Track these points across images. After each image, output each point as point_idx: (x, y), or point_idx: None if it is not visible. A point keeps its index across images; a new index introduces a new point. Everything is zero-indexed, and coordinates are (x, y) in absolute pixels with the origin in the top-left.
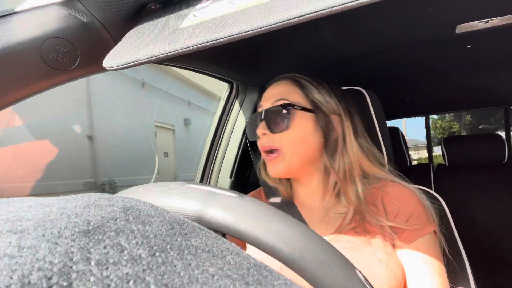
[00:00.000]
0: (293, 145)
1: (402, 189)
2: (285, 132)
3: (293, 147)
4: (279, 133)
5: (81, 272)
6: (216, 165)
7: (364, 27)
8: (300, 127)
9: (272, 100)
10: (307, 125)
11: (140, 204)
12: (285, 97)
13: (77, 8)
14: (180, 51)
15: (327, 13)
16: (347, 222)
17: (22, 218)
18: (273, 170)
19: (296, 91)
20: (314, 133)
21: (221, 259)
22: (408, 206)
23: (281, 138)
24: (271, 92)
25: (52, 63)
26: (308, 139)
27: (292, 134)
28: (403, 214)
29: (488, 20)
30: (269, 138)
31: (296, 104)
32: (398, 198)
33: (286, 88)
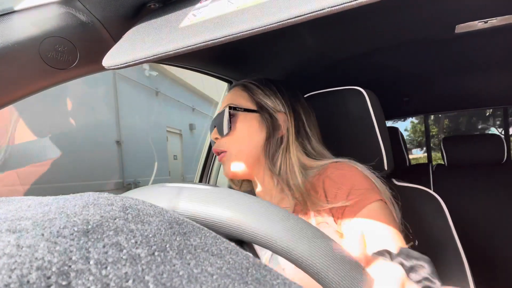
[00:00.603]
0: (238, 145)
1: (341, 166)
2: (230, 134)
3: (237, 147)
4: (226, 136)
5: (80, 271)
6: (215, 165)
7: (363, 26)
8: (243, 129)
9: (222, 106)
10: (250, 124)
11: (139, 204)
12: (231, 102)
13: (77, 7)
14: (180, 51)
15: (327, 13)
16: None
17: (21, 217)
18: (224, 172)
19: (243, 95)
20: (258, 132)
21: (220, 259)
22: (347, 181)
23: (227, 140)
24: (223, 100)
25: (51, 62)
26: (252, 138)
27: (237, 136)
28: (343, 191)
29: (487, 20)
30: (219, 142)
31: (238, 106)
32: (337, 177)
33: (235, 93)
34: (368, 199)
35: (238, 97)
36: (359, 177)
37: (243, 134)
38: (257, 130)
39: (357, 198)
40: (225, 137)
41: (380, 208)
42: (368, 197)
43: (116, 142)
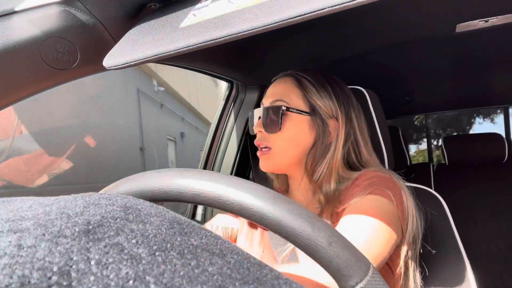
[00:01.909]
0: (284, 146)
1: (369, 173)
2: (277, 133)
3: (283, 148)
4: (272, 133)
5: (81, 272)
6: (216, 164)
7: (364, 26)
8: (292, 130)
9: (272, 99)
10: (300, 127)
11: (140, 204)
12: (283, 97)
13: (77, 7)
14: (180, 51)
15: (327, 13)
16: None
17: (23, 217)
18: (262, 165)
19: (296, 92)
20: (307, 135)
21: (221, 258)
22: (370, 182)
23: (273, 138)
24: (272, 90)
25: (52, 62)
26: (299, 141)
27: (284, 135)
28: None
29: (488, 19)
30: (263, 136)
31: (291, 107)
32: (363, 184)
33: (287, 87)
34: (375, 191)
35: (291, 93)
36: (385, 180)
37: (291, 135)
38: (306, 133)
39: (368, 185)
40: (270, 134)
41: (378, 201)
42: (378, 189)
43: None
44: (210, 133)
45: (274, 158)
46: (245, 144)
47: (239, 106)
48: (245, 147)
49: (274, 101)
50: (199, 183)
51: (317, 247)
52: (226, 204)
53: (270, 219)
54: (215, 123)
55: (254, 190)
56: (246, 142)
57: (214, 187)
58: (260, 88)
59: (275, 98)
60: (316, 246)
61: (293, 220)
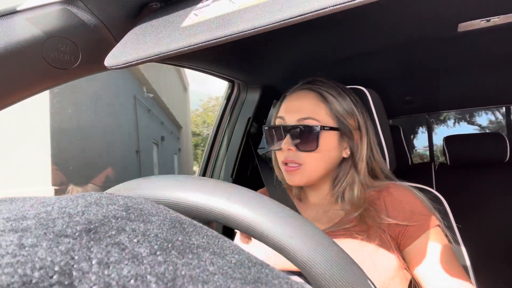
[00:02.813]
0: (316, 163)
1: (402, 189)
2: (312, 152)
3: (316, 165)
4: (304, 151)
5: (82, 271)
6: (217, 164)
7: (365, 26)
8: (325, 147)
9: (298, 116)
10: (332, 144)
11: (141, 203)
12: (312, 115)
13: (79, 7)
14: (182, 50)
15: (329, 12)
16: (346, 220)
17: (24, 216)
18: (291, 180)
19: (322, 108)
20: (337, 150)
21: (222, 258)
22: (409, 204)
23: (305, 155)
24: (295, 105)
25: (53, 62)
26: (330, 156)
27: (318, 153)
28: (405, 212)
29: (490, 19)
30: (294, 154)
31: (325, 126)
32: (399, 198)
33: (312, 103)
34: (427, 225)
35: (319, 109)
36: (419, 202)
37: (323, 152)
38: (335, 148)
39: (418, 222)
40: (302, 152)
41: (439, 234)
42: (428, 222)
43: (136, 151)
44: (211, 132)
45: (305, 174)
46: (247, 143)
47: (240, 106)
48: (246, 146)
49: (303, 118)
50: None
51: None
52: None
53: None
54: (216, 122)
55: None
56: (247, 142)
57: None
58: (261, 88)
59: (304, 115)
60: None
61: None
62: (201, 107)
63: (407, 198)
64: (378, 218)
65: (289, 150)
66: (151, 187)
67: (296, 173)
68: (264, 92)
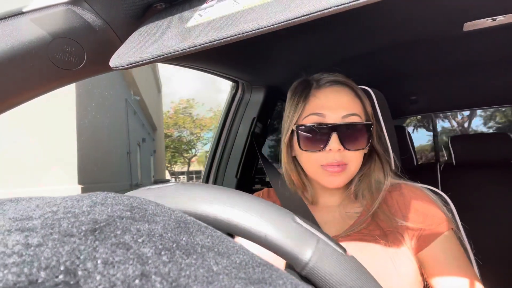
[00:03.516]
0: (358, 162)
1: (415, 190)
2: (358, 151)
3: (358, 164)
4: (353, 150)
5: (87, 271)
6: (221, 164)
7: (370, 25)
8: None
9: (342, 112)
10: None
11: (146, 203)
12: (355, 111)
13: (84, 8)
14: (186, 51)
15: (333, 12)
16: (361, 222)
17: (30, 216)
18: (334, 183)
19: (359, 104)
20: (366, 146)
21: (226, 258)
22: (423, 206)
23: (352, 154)
24: (334, 101)
25: (59, 63)
26: (362, 152)
27: (361, 152)
28: (419, 215)
29: (495, 18)
30: (342, 154)
31: (372, 124)
32: (412, 199)
33: (351, 99)
34: (442, 228)
35: (356, 105)
36: (433, 205)
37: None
38: (366, 144)
39: (433, 225)
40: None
41: (453, 238)
42: (442, 226)
43: (127, 152)
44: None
45: (349, 174)
46: (251, 143)
47: (244, 106)
48: (250, 146)
49: (349, 115)
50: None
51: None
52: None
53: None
54: (221, 122)
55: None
56: (252, 142)
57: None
58: (265, 88)
59: (348, 111)
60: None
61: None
62: (172, 109)
63: (420, 199)
64: (393, 220)
65: (338, 151)
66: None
67: (342, 175)
68: (268, 92)
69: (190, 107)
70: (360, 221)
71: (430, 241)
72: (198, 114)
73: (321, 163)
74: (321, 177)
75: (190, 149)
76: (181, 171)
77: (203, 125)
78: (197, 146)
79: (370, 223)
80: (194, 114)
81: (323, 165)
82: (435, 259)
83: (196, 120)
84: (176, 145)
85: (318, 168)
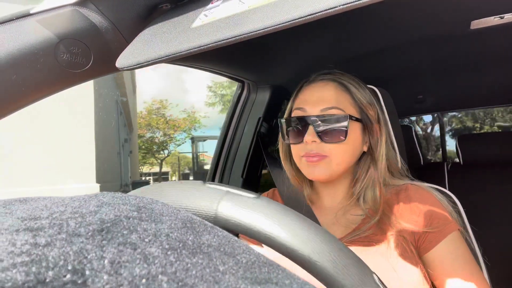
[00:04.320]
0: (342, 154)
1: (421, 191)
2: (339, 143)
3: (342, 157)
4: (330, 143)
5: (95, 270)
6: (227, 164)
7: (376, 24)
8: (352, 138)
9: (322, 106)
10: (357, 134)
11: (153, 203)
12: (337, 105)
13: (90, 9)
14: (192, 51)
15: (339, 11)
16: (365, 225)
17: (38, 216)
18: (316, 174)
19: (345, 97)
20: (361, 143)
21: (232, 258)
22: (429, 208)
23: (331, 147)
24: (317, 96)
25: (66, 64)
26: (355, 148)
27: (345, 145)
28: (426, 217)
29: (503, 16)
30: (318, 145)
31: (352, 116)
32: (418, 201)
33: (337, 94)
34: (448, 230)
35: (343, 100)
36: (439, 206)
37: (350, 143)
38: (360, 141)
39: (438, 228)
40: (329, 143)
41: (459, 238)
42: (448, 227)
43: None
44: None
45: (331, 167)
46: (257, 143)
47: (250, 106)
48: (256, 146)
49: (327, 108)
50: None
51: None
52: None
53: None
54: (226, 122)
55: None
56: (257, 142)
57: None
58: (271, 88)
59: (328, 105)
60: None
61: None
62: (145, 110)
63: (426, 201)
64: (397, 224)
65: (313, 142)
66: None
67: (320, 165)
68: (274, 92)
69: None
70: (363, 227)
71: (436, 242)
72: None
73: (300, 154)
74: (304, 168)
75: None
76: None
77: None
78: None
79: (375, 230)
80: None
81: (302, 155)
82: (442, 261)
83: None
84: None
85: (300, 159)
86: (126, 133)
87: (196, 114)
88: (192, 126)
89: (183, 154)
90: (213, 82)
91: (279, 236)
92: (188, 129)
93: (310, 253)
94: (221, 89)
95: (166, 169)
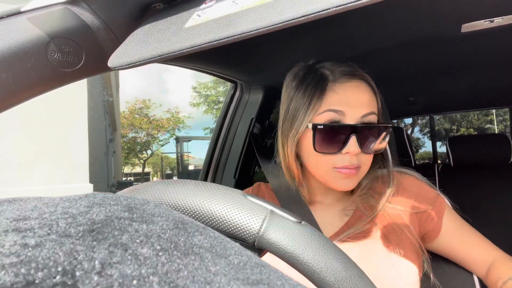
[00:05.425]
0: (370, 163)
1: (407, 177)
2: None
3: (368, 165)
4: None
5: (85, 271)
6: (220, 165)
7: (368, 26)
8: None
9: (363, 110)
10: (385, 144)
11: (144, 204)
12: (374, 109)
13: (82, 8)
14: (185, 51)
15: (332, 13)
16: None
17: (28, 217)
18: (347, 186)
19: (375, 102)
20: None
21: (224, 259)
22: (418, 188)
23: (366, 157)
24: (356, 98)
25: (57, 63)
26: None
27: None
28: (417, 197)
29: (493, 19)
30: (358, 157)
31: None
32: (406, 186)
33: (369, 96)
34: (442, 207)
35: (375, 103)
36: (424, 184)
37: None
38: (384, 147)
39: (434, 203)
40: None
41: (453, 211)
42: (442, 205)
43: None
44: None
45: (359, 176)
46: (249, 144)
47: (243, 107)
48: (249, 147)
49: (368, 114)
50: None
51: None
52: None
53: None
54: (219, 123)
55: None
56: (250, 142)
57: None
58: (263, 88)
59: (368, 110)
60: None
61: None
62: (127, 109)
63: (414, 182)
64: (394, 213)
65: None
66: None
67: (355, 177)
68: (267, 92)
69: (146, 108)
70: (357, 225)
71: (440, 218)
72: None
73: (335, 165)
74: (332, 180)
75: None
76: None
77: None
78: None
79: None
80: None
81: (338, 167)
82: (453, 236)
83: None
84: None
85: (331, 170)
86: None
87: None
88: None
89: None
90: (197, 83)
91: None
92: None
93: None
94: (206, 90)
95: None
